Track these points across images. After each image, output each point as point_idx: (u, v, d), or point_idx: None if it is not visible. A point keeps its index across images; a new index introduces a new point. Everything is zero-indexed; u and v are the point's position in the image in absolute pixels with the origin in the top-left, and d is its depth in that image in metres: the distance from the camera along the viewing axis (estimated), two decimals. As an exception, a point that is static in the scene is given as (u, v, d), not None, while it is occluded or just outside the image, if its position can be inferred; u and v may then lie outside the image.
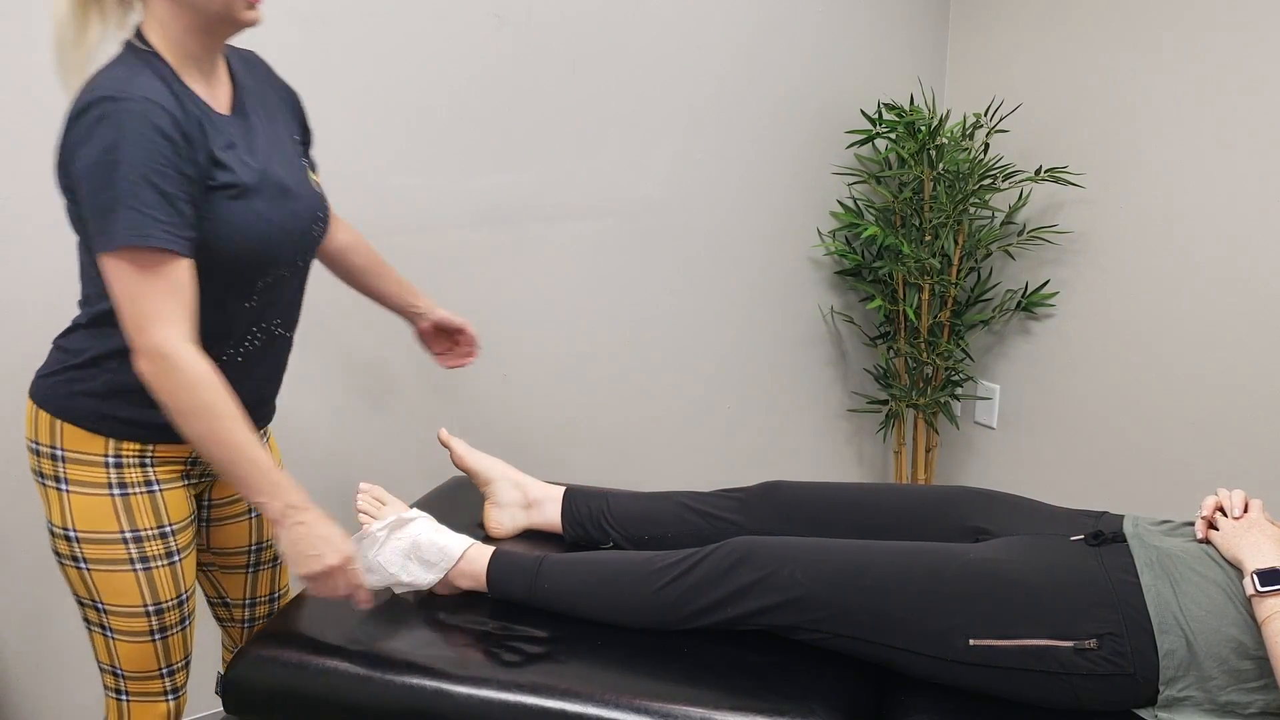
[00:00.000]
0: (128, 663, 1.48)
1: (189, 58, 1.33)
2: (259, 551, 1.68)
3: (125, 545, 1.42)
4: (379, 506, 1.63)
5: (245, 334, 1.43)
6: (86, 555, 1.42)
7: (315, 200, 1.47)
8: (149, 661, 1.49)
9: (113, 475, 1.41)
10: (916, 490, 1.70)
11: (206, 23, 1.31)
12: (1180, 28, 2.33)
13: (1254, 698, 1.30)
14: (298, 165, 1.47)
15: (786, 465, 2.88)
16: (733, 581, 1.46)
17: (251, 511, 1.64)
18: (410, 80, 2.11)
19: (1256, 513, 1.42)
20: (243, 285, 1.39)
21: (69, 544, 1.43)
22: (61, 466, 1.41)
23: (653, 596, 1.49)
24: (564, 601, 1.55)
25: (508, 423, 2.41)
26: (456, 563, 1.58)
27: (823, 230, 2.77)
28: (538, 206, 2.33)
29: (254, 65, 1.49)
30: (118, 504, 1.41)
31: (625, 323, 2.53)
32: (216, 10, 1.30)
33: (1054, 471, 2.78)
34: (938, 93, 2.86)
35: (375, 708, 1.42)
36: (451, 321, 1.85)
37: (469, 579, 1.59)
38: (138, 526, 1.42)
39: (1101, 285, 2.59)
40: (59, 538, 1.43)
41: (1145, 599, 1.34)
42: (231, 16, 1.31)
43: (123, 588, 1.43)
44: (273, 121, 1.46)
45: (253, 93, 1.44)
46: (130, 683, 1.50)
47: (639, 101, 2.40)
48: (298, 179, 1.45)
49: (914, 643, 1.39)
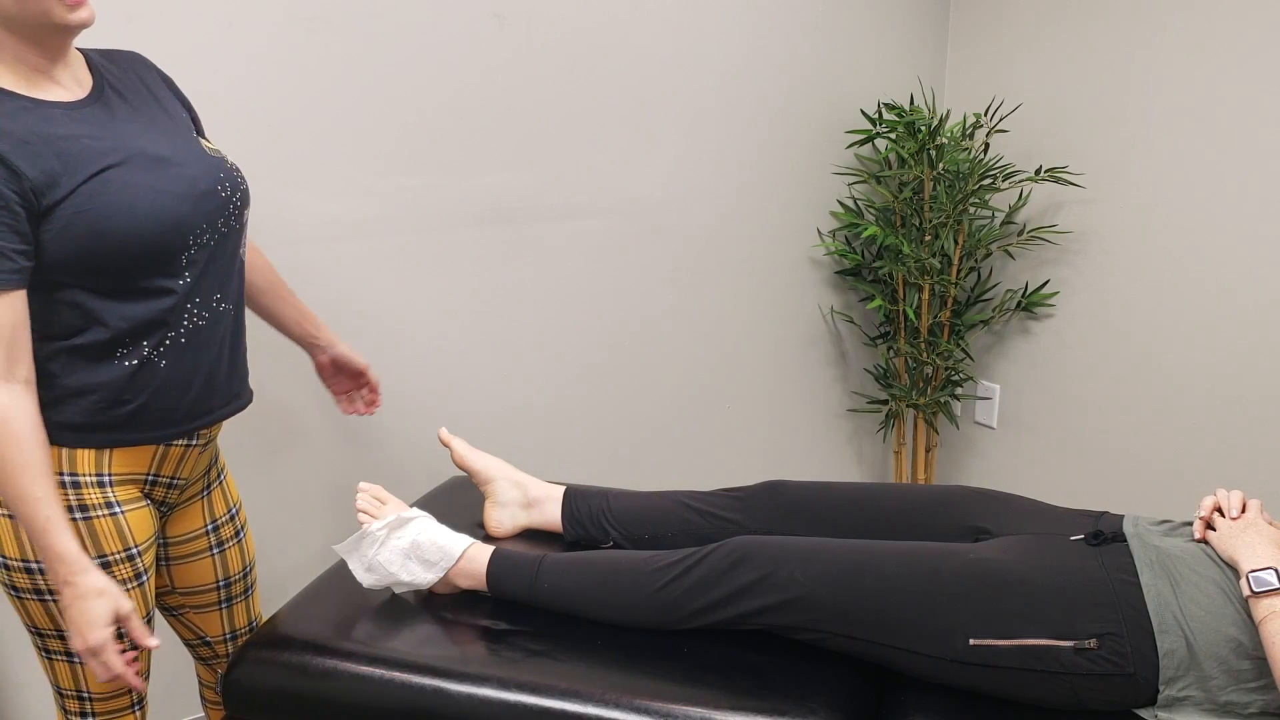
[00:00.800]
0: (97, 685, 1.46)
1: (32, 70, 1.30)
2: (228, 586, 1.65)
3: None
4: (379, 506, 1.63)
5: (184, 313, 1.39)
6: (51, 586, 1.37)
7: (213, 163, 1.42)
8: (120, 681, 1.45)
9: (72, 497, 1.36)
10: (917, 490, 1.70)
11: (34, 33, 1.27)
12: (1180, 28, 2.33)
13: (1253, 697, 1.30)
14: (183, 137, 1.42)
15: (786, 465, 2.88)
16: (732, 581, 1.46)
17: (212, 548, 1.61)
18: (410, 80, 2.11)
19: (1254, 513, 1.42)
20: (165, 263, 1.35)
21: (30, 576, 1.37)
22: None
23: (652, 596, 1.49)
24: (563, 601, 1.55)
25: (508, 422, 2.42)
26: (456, 562, 1.58)
27: (823, 230, 2.77)
28: (538, 206, 2.33)
29: (124, 60, 1.45)
30: (82, 530, 1.37)
31: (625, 322, 2.53)
32: (33, 19, 1.26)
33: (1054, 471, 2.78)
34: (938, 93, 2.86)
35: (375, 707, 1.42)
36: (352, 361, 1.79)
37: (469, 578, 1.59)
38: (105, 551, 1.39)
39: (1101, 285, 2.59)
40: (16, 570, 1.37)
41: (1145, 599, 1.34)
42: (53, 22, 1.27)
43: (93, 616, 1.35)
44: (145, 104, 1.42)
45: (117, 81, 1.40)
46: (99, 703, 1.48)
47: (639, 101, 2.40)
48: (181, 148, 1.40)
49: (914, 642, 1.39)
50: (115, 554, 1.40)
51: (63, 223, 1.27)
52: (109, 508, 1.39)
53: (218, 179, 1.42)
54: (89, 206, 1.28)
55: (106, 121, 1.35)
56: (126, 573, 1.41)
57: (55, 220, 1.27)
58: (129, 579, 1.42)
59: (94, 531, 1.38)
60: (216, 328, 1.45)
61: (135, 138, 1.36)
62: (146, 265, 1.33)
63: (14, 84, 1.29)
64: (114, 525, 1.39)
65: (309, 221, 2.06)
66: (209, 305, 1.42)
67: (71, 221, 1.27)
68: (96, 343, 1.34)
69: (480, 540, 1.64)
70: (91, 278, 1.31)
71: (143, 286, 1.34)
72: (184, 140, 1.42)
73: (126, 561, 1.41)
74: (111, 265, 1.30)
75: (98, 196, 1.28)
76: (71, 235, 1.27)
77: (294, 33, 1.97)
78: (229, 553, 1.63)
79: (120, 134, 1.34)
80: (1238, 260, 2.31)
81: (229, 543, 1.63)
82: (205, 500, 1.58)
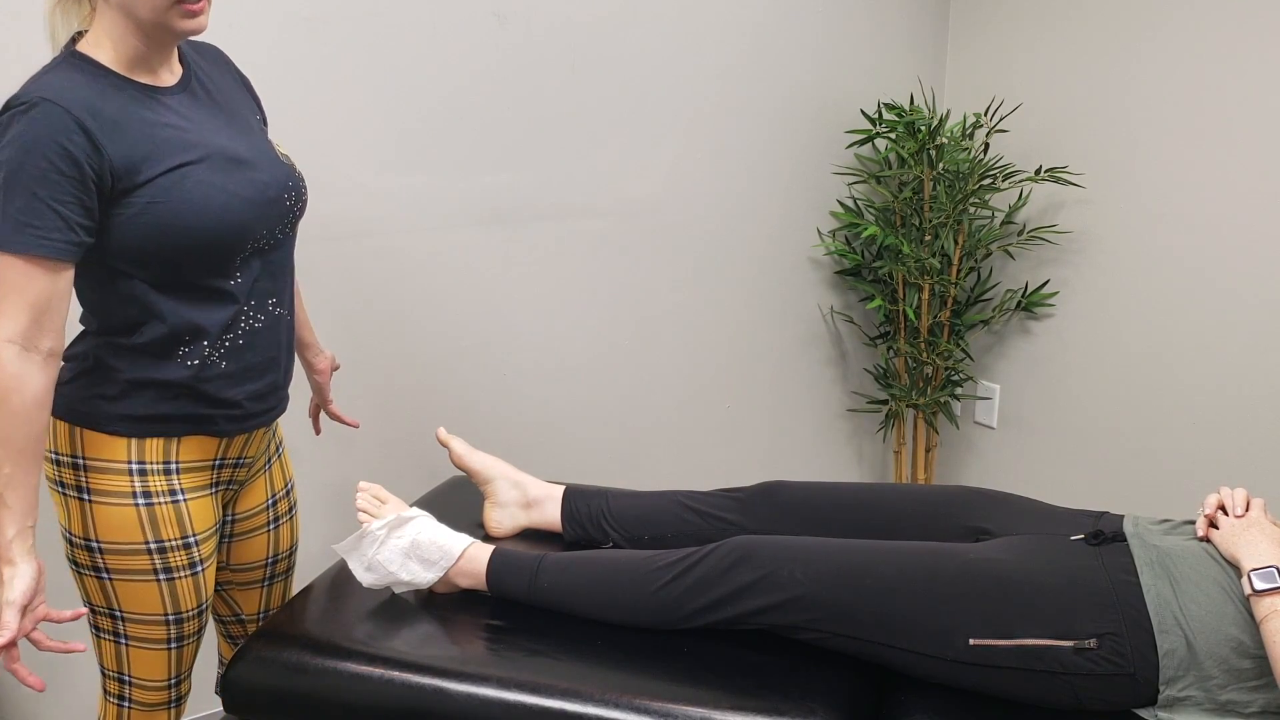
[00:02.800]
0: (139, 670, 1.47)
1: (137, 58, 1.33)
2: (274, 564, 1.67)
3: (150, 556, 1.41)
4: (379, 505, 1.63)
5: (241, 315, 1.41)
6: (109, 565, 1.41)
7: (283, 171, 1.45)
8: (161, 670, 1.48)
9: (137, 484, 1.40)
10: (917, 490, 1.70)
11: (150, 30, 1.31)
12: (1180, 28, 2.33)
13: (1254, 697, 1.30)
14: (259, 139, 1.46)
15: (786, 465, 2.88)
16: (732, 580, 1.46)
17: (269, 524, 1.63)
18: (410, 79, 2.11)
19: (1257, 511, 1.42)
20: (222, 262, 1.37)
21: (90, 554, 1.41)
22: (84, 476, 1.39)
23: (652, 596, 1.49)
24: (563, 600, 1.55)
25: (508, 422, 2.41)
26: (456, 561, 1.58)
27: (823, 230, 2.77)
28: (538, 206, 2.33)
29: (209, 54, 1.49)
30: (142, 514, 1.40)
31: (625, 322, 2.53)
32: (152, 20, 1.29)
33: (1054, 471, 2.78)
34: (938, 93, 2.86)
35: (375, 707, 1.42)
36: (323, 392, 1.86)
37: (468, 578, 1.59)
38: (162, 537, 1.41)
39: (1101, 285, 2.59)
40: (79, 548, 1.42)
41: (1145, 599, 1.34)
42: (169, 27, 1.30)
43: (145, 598, 1.42)
44: (228, 101, 1.45)
45: (203, 74, 1.44)
46: (137, 690, 1.49)
47: (639, 101, 2.40)
48: (257, 151, 1.43)
49: (914, 642, 1.39)
50: (172, 540, 1.42)
51: (135, 210, 1.29)
52: (172, 495, 1.42)
53: (285, 186, 1.45)
54: (164, 199, 1.30)
55: (192, 113, 1.38)
56: (181, 560, 1.43)
57: (128, 206, 1.29)
58: (182, 567, 1.44)
59: (154, 517, 1.40)
60: (274, 330, 1.48)
61: (216, 134, 1.39)
62: (203, 263, 1.36)
63: (114, 62, 1.31)
64: (174, 512, 1.42)
65: (309, 221, 2.04)
66: (265, 308, 1.45)
67: (144, 210, 1.29)
68: (157, 340, 1.36)
69: (480, 540, 1.64)
70: (151, 270, 1.33)
71: (197, 284, 1.36)
72: (259, 142, 1.46)
73: (183, 549, 1.43)
74: (172, 259, 1.33)
75: (174, 190, 1.31)
76: (141, 224, 1.30)
77: (294, 33, 1.97)
78: (282, 529, 1.66)
79: (203, 129, 1.37)
80: (1238, 260, 2.31)
81: (284, 518, 1.66)
82: (268, 474, 1.61)
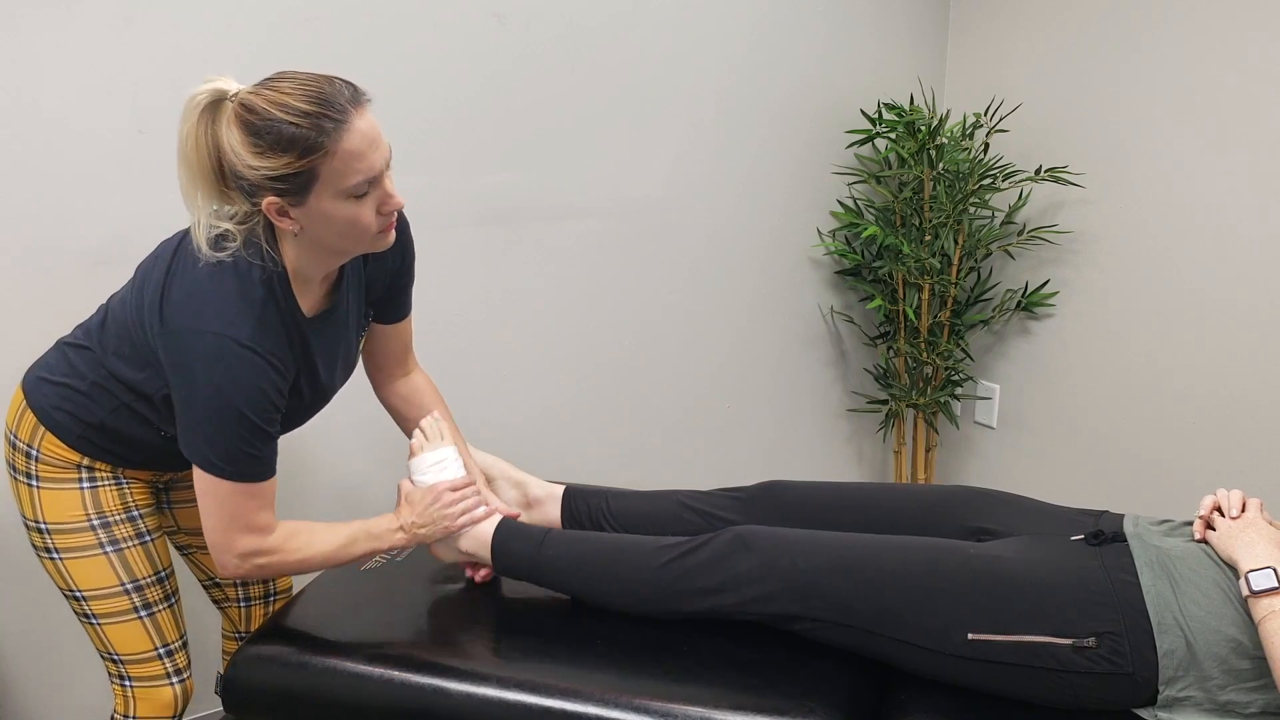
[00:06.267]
0: (121, 645, 1.51)
1: (309, 275, 1.36)
2: None
3: (94, 531, 1.45)
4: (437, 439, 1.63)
5: None
6: (58, 545, 1.45)
7: (348, 369, 1.52)
8: (142, 641, 1.51)
9: (84, 475, 1.46)
10: (916, 490, 1.70)
11: (338, 256, 1.34)
12: (1180, 27, 2.33)
13: (1254, 697, 1.30)
14: (355, 348, 1.52)
15: (786, 465, 2.88)
16: (734, 566, 1.46)
17: None
18: (411, 80, 2.11)
19: (1254, 512, 1.42)
20: None
21: (42, 536, 1.46)
22: (34, 465, 1.45)
23: (653, 574, 1.49)
24: (564, 573, 1.55)
25: (507, 422, 2.41)
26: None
27: (823, 230, 2.77)
28: (538, 206, 2.33)
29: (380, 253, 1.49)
30: (85, 495, 1.45)
31: (625, 322, 2.53)
32: (348, 250, 1.33)
33: (1054, 471, 2.78)
34: (938, 93, 2.86)
35: (374, 706, 1.42)
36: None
37: (473, 540, 1.59)
38: (104, 511, 1.46)
39: (1101, 285, 2.59)
40: (32, 531, 1.47)
41: (1145, 599, 1.34)
42: (364, 249, 1.33)
43: (96, 572, 1.46)
44: (358, 296, 1.48)
45: (351, 273, 1.45)
46: (130, 667, 1.52)
47: (639, 101, 2.40)
48: (347, 368, 1.51)
49: (913, 635, 1.39)
50: (115, 514, 1.47)
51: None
52: (116, 481, 1.47)
53: (341, 383, 1.53)
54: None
55: (323, 342, 1.42)
56: (127, 531, 1.48)
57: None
58: (129, 538, 1.48)
59: (97, 497, 1.46)
60: None
61: (328, 367, 1.44)
62: None
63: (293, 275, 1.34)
64: (117, 494, 1.47)
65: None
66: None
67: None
68: (148, 419, 1.42)
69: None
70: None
71: None
72: (353, 358, 1.52)
73: (127, 522, 1.48)
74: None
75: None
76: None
77: (293, 33, 1.97)
78: None
79: (320, 365, 1.42)
80: (1238, 260, 2.31)
81: None
82: None
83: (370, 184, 1.25)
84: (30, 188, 1.80)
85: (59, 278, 1.84)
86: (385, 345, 1.64)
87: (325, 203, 1.24)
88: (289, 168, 1.20)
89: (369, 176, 1.24)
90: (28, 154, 1.79)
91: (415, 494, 1.56)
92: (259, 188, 1.23)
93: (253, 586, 1.73)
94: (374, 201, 1.27)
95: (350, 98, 1.23)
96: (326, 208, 1.24)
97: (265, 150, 1.20)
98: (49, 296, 1.84)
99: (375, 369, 1.68)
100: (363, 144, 1.22)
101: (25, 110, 1.77)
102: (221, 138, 1.23)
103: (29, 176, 1.80)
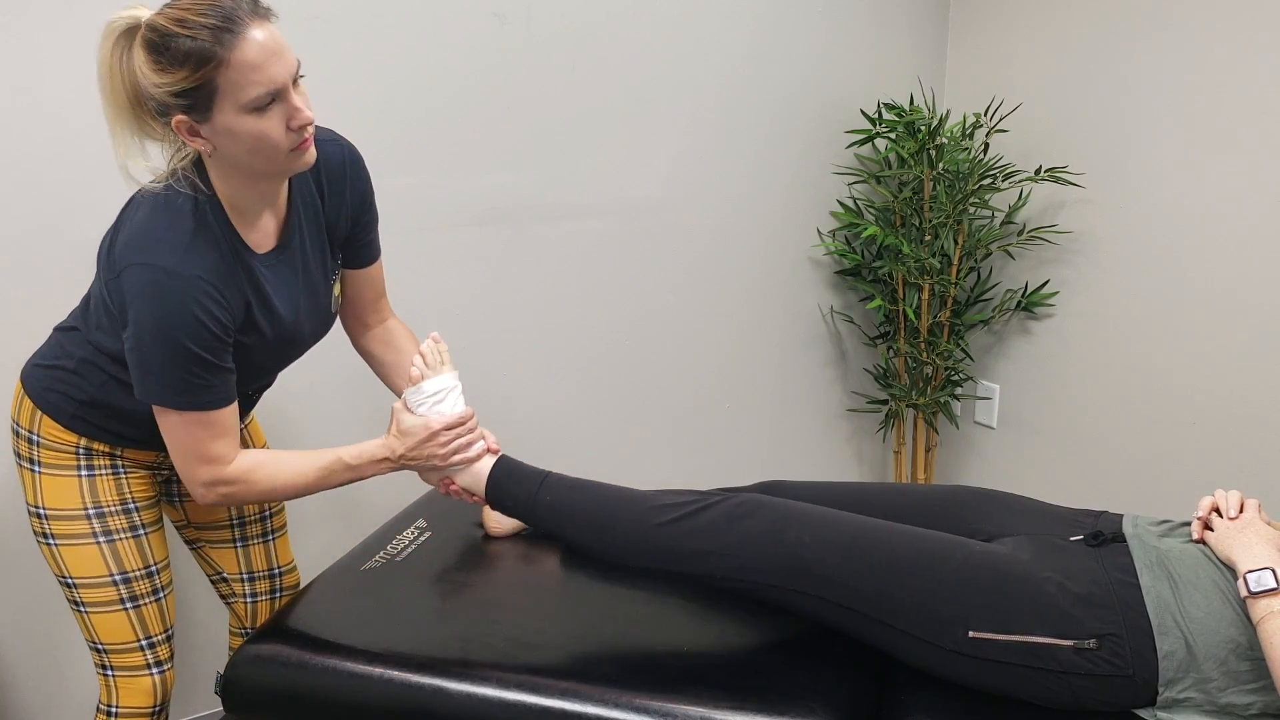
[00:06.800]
0: (105, 634, 1.51)
1: (244, 205, 1.35)
2: (241, 526, 1.70)
3: (89, 520, 1.47)
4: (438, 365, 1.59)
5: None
6: (54, 531, 1.48)
7: (321, 328, 1.52)
8: (125, 632, 1.51)
9: (82, 461, 1.48)
10: (916, 490, 1.70)
11: (260, 178, 1.33)
12: (1180, 27, 2.33)
13: (1253, 699, 1.30)
14: (324, 294, 1.50)
15: (786, 465, 2.88)
16: (739, 530, 1.44)
17: None
18: (411, 79, 2.11)
19: (1252, 513, 1.42)
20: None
21: (40, 521, 1.49)
22: (37, 450, 1.47)
23: (654, 530, 1.47)
24: (562, 518, 1.53)
25: (507, 422, 2.41)
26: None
27: (823, 230, 2.77)
28: (538, 206, 2.33)
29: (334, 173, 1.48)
30: (83, 484, 1.47)
31: (625, 322, 2.53)
32: (265, 170, 1.32)
33: (1054, 471, 2.78)
34: (938, 93, 2.86)
35: (375, 706, 1.42)
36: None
37: (469, 476, 1.58)
38: (100, 502, 1.48)
39: (1101, 285, 2.59)
40: (33, 516, 1.49)
41: (1145, 600, 1.34)
42: (282, 170, 1.33)
43: (87, 560, 1.48)
44: (318, 240, 1.47)
45: (304, 211, 1.45)
46: (112, 656, 1.53)
47: (639, 101, 2.40)
48: (319, 315, 1.49)
49: (913, 626, 1.38)
50: (111, 505, 1.49)
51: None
52: (114, 470, 1.49)
53: (318, 336, 1.53)
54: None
55: (280, 280, 1.41)
56: (121, 523, 1.49)
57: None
58: (122, 529, 1.49)
59: (94, 487, 1.48)
60: (247, 405, 1.58)
61: (289, 307, 1.43)
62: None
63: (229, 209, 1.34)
64: (114, 482, 1.49)
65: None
66: (245, 394, 1.53)
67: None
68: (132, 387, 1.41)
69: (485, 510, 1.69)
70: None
71: None
72: (322, 303, 1.50)
73: (122, 514, 1.49)
74: None
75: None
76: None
77: (293, 33, 1.96)
78: None
79: (278, 304, 1.41)
80: (1238, 260, 2.31)
81: None
82: None
83: (273, 97, 1.24)
84: (29, 184, 1.80)
85: (55, 273, 1.84)
86: (357, 292, 1.63)
87: (230, 117, 1.24)
88: (188, 81, 1.21)
89: (270, 89, 1.23)
90: (27, 151, 1.79)
91: (411, 425, 1.53)
92: (167, 106, 1.24)
93: (259, 582, 1.73)
94: (281, 116, 1.26)
95: (249, 10, 1.24)
96: (231, 123, 1.24)
97: (165, 66, 1.21)
98: (46, 292, 1.84)
99: (350, 318, 1.67)
100: (260, 55, 1.22)
101: (25, 108, 1.78)
102: (133, 61, 1.25)
103: (27, 173, 1.80)
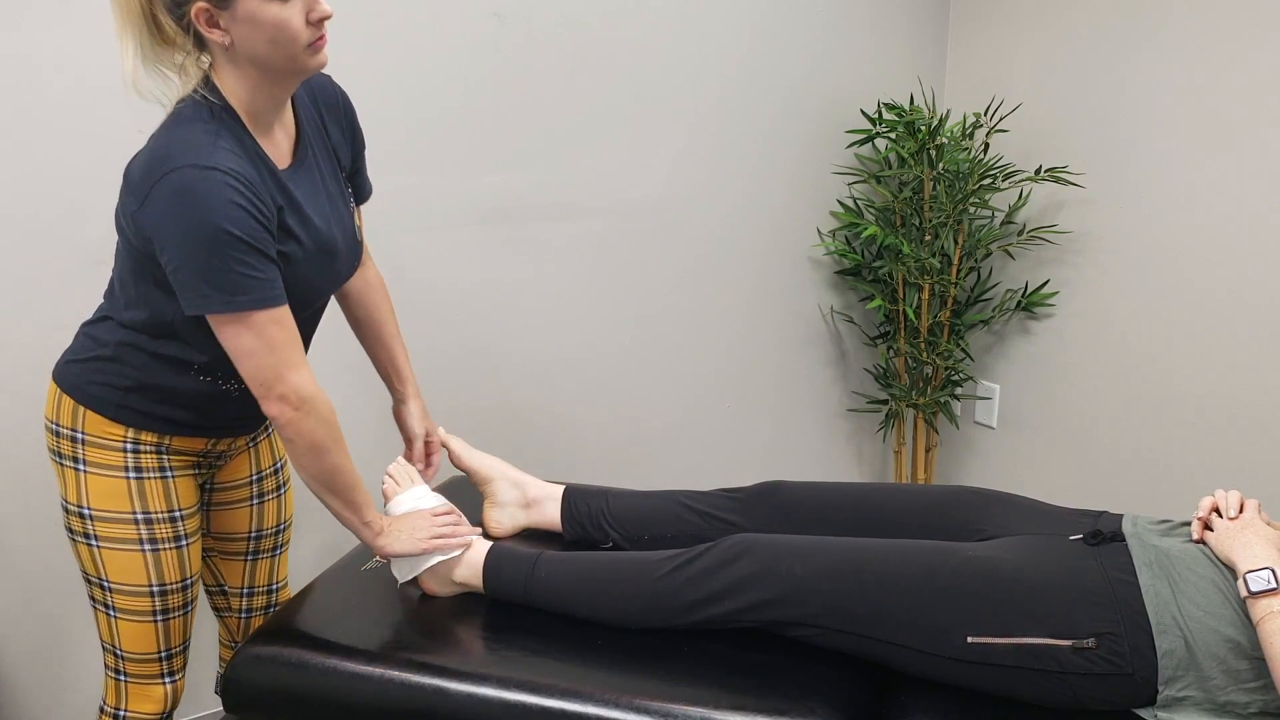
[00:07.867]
0: (128, 643, 1.51)
1: (258, 112, 1.34)
2: (258, 539, 1.69)
3: (136, 526, 1.46)
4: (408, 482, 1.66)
5: None
6: (98, 533, 1.46)
7: (355, 250, 1.51)
8: (149, 643, 1.51)
9: (130, 460, 1.45)
10: (916, 490, 1.70)
11: (275, 77, 1.32)
12: (1180, 27, 2.33)
13: (1253, 698, 1.30)
14: (347, 216, 1.49)
15: (786, 465, 2.88)
16: (733, 573, 1.46)
17: (253, 498, 1.66)
18: (411, 79, 2.11)
19: (1252, 513, 1.42)
20: None
21: (82, 521, 1.46)
22: (81, 448, 1.45)
23: (652, 585, 1.49)
24: (560, 593, 1.55)
25: (507, 422, 2.41)
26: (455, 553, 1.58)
27: (823, 230, 2.77)
28: (538, 206, 2.33)
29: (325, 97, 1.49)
30: (132, 486, 1.45)
31: (625, 322, 2.53)
32: (281, 66, 1.30)
33: (1054, 471, 2.78)
34: (938, 93, 2.86)
35: (375, 706, 1.42)
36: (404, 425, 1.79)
37: (467, 567, 1.59)
38: (149, 509, 1.46)
39: (1101, 285, 2.59)
40: (73, 515, 1.47)
41: (1144, 599, 1.34)
42: (298, 67, 1.31)
43: (130, 567, 1.47)
44: (329, 162, 1.47)
45: (313, 133, 1.45)
46: (129, 664, 1.52)
47: (639, 101, 2.40)
48: (346, 234, 1.48)
49: (912, 639, 1.39)
50: (159, 513, 1.47)
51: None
52: (161, 472, 1.47)
53: (351, 267, 1.51)
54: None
55: (305, 193, 1.40)
56: (167, 533, 1.48)
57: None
58: (167, 539, 1.48)
59: (143, 490, 1.46)
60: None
61: (320, 217, 1.41)
62: None
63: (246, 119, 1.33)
64: (162, 488, 1.47)
65: (309, 221, 2.05)
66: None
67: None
68: (180, 357, 1.41)
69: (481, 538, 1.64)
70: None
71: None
72: (348, 223, 1.49)
73: (168, 523, 1.48)
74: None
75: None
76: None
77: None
78: (268, 505, 1.68)
79: (310, 212, 1.40)
80: (1238, 260, 2.31)
81: (270, 495, 1.68)
82: (252, 451, 1.64)
83: None
84: (30, 187, 1.80)
85: (58, 277, 1.84)
86: None
87: (251, 4, 1.24)
88: None
89: None
90: (27, 154, 1.79)
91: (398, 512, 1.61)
92: None
93: (257, 597, 1.73)
94: (302, 7, 1.26)
95: None
96: (253, 9, 1.24)
97: None
98: (47, 296, 1.84)
99: None
100: None
101: (25, 110, 1.78)
102: None
103: (28, 176, 1.80)
